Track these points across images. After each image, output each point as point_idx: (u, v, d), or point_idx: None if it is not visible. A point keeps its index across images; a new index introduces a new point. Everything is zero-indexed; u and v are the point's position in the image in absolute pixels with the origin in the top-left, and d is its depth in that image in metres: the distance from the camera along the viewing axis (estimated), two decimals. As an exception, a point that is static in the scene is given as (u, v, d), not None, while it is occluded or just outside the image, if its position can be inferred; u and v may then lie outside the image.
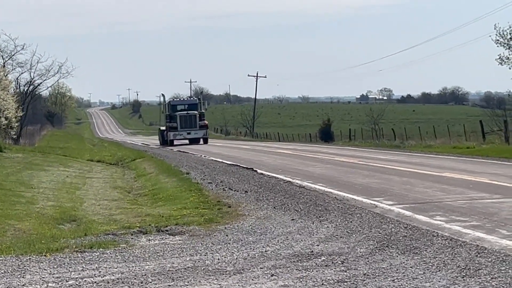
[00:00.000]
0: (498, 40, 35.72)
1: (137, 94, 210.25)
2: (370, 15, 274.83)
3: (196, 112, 45.41)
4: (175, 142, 44.70)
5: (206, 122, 46.47)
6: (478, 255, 7.92)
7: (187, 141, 45.41)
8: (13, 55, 44.38)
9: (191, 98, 49.98)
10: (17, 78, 46.23)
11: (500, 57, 36.13)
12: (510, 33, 35.09)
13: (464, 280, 6.87)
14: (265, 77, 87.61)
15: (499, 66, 35.65)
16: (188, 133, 44.49)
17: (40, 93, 59.05)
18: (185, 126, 44.30)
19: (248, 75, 41.61)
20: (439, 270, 7.40)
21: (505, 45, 35.80)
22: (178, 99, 50.78)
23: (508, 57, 35.54)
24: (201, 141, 45.56)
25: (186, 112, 45.21)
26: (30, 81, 48.88)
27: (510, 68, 35.98)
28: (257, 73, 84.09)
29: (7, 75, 36.58)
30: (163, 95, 50.03)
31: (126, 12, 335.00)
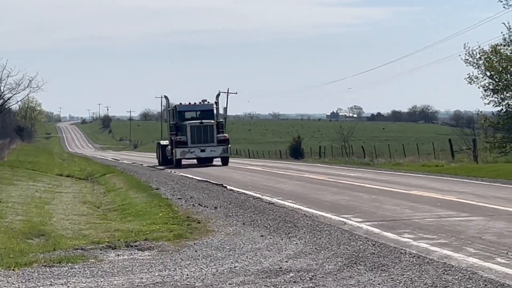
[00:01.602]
0: (467, 59, 36.46)
1: (107, 109, 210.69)
2: (341, 33, 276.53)
3: (213, 121, 34.08)
4: (183, 162, 34.21)
5: (226, 135, 35.18)
6: (445, 273, 8.04)
7: (193, 161, 35.32)
8: None
9: (206, 102, 36.00)
10: None
11: (469, 77, 36.88)
12: (479, 53, 35.86)
13: None
14: (236, 93, 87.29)
15: (468, 85, 36.10)
16: (202, 150, 33.28)
17: (10, 107, 59.58)
18: (198, 140, 33.16)
19: (219, 92, 34.21)
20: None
21: (474, 64, 36.50)
22: (187, 104, 35.76)
23: (477, 77, 36.18)
24: (219, 161, 35.08)
25: (199, 121, 33.71)
26: (0, 95, 48.96)
27: (479, 88, 36.40)
28: (227, 89, 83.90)
29: None
30: (166, 97, 39.01)
31: (97, 27, 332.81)
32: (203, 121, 33.58)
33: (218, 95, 36.39)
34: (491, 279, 7.69)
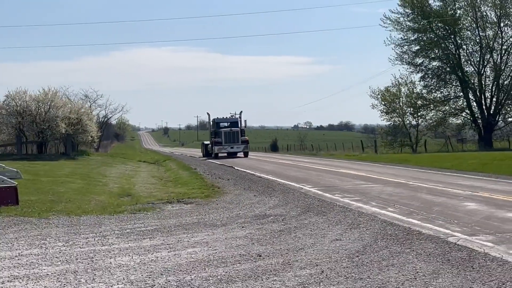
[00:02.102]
0: (371, 95, 59.57)
1: (166, 123, 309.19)
2: (299, 79, 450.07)
3: (238, 128, 46.11)
4: (219, 155, 45.80)
5: (246, 138, 46.81)
6: (359, 216, 11.83)
7: (225, 154, 46.11)
8: (95, 100, 70.07)
9: (233, 117, 49.26)
10: (97, 113, 72.12)
11: (372, 105, 60.28)
12: (378, 91, 58.85)
13: (351, 230, 10.31)
14: (242, 112, 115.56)
15: (372, 109, 63.05)
16: (231, 148, 45.32)
17: (111, 122, 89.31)
18: (229, 141, 45.14)
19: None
20: (337, 224, 11.00)
21: (375, 97, 59.38)
22: (221, 118, 48.79)
23: (377, 104, 59.38)
24: (242, 155, 46.18)
25: (229, 129, 45.78)
26: (105, 115, 75.73)
27: (377, 111, 60.03)
28: (235, 113, 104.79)
29: (92, 111, 59.14)
30: (208, 114, 50.32)
31: (160, 77, 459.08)
32: (232, 129, 45.77)
33: (241, 112, 48.82)
34: (385, 220, 11.29)
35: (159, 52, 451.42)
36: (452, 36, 53.60)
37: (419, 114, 57.56)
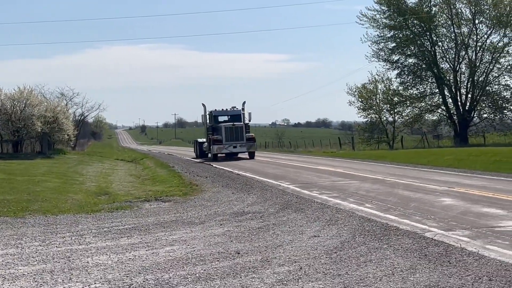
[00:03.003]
0: (348, 92, 59.26)
1: (144, 121, 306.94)
2: (277, 77, 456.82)
3: (242, 123, 37.64)
4: (219, 156, 37.63)
5: (252, 134, 38.49)
6: (337, 212, 11.94)
7: (223, 155, 38.03)
8: (71, 98, 69.23)
9: (235, 108, 39.59)
10: (74, 112, 71.40)
11: (349, 102, 59.70)
12: (355, 89, 58.69)
13: (329, 227, 10.45)
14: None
15: (349, 106, 60.76)
16: (234, 147, 36.86)
17: (87, 120, 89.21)
18: (231, 139, 36.75)
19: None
20: (315, 221, 11.08)
21: (352, 94, 59.00)
22: (221, 110, 39.66)
23: (354, 101, 59.13)
24: (246, 156, 38.43)
25: (231, 123, 37.27)
26: (82, 114, 74.83)
27: (354, 108, 59.97)
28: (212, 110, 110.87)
29: (68, 110, 58.12)
30: (203, 105, 39.74)
31: (140, 76, 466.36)
32: (235, 123, 37.13)
33: (244, 103, 39.24)
34: (363, 216, 11.43)
35: (135, 49, 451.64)
36: (428, 33, 54.08)
37: (395, 110, 57.98)
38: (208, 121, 39.40)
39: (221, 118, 39.13)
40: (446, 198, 13.93)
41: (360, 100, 59.53)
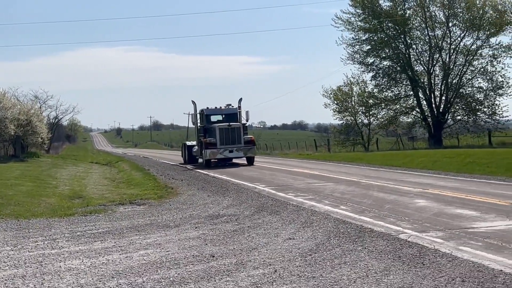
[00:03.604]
0: (324, 94, 59.89)
1: (119, 124, 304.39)
2: (254, 78, 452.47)
3: (239, 124, 32.48)
4: (212, 161, 32.26)
5: (252, 137, 33.69)
6: (312, 215, 11.92)
7: (215, 160, 32.61)
8: (45, 101, 67.95)
9: (230, 106, 34.46)
10: (48, 115, 69.95)
11: (324, 104, 60.28)
12: (330, 91, 59.34)
13: (304, 229, 10.46)
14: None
15: (324, 108, 62.79)
16: (230, 151, 31.51)
17: (62, 123, 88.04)
18: (227, 142, 31.51)
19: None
20: (290, 223, 11.08)
21: (327, 96, 59.58)
22: (213, 108, 34.44)
23: (329, 104, 59.61)
24: (244, 161, 32.96)
25: (227, 124, 31.94)
26: (56, 116, 73.66)
27: (330, 110, 60.21)
28: (188, 112, 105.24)
29: (42, 113, 57.10)
30: (193, 102, 34.19)
31: (113, 78, 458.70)
32: (231, 124, 31.89)
33: (240, 100, 34.15)
34: (338, 218, 11.45)
35: (111, 52, 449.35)
36: (402, 36, 54.52)
37: (370, 113, 58.32)
38: (199, 121, 34.22)
39: (214, 118, 34.04)
40: (420, 200, 14.01)
41: (335, 102, 59.82)
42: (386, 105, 56.52)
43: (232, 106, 34.44)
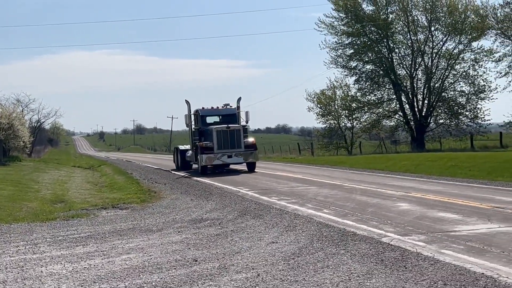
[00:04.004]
0: (307, 98, 59.49)
1: (102, 127, 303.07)
2: (236, 82, 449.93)
3: (239, 125, 29.23)
4: (208, 167, 28.60)
5: (253, 140, 30.00)
6: (295, 218, 11.99)
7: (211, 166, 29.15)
8: (27, 105, 67.54)
9: (228, 106, 31.24)
10: (30, 118, 70.25)
11: (308, 107, 59.92)
12: (314, 95, 58.93)
13: (287, 233, 10.55)
14: (177, 118, 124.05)
15: (308, 112, 61.04)
16: (229, 156, 28.20)
17: (44, 127, 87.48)
18: (225, 146, 28.29)
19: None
20: (274, 227, 11.12)
21: (311, 100, 59.31)
22: (209, 108, 31.18)
23: (313, 107, 59.27)
24: (244, 167, 29.59)
25: (225, 126, 28.64)
26: (38, 120, 73.35)
27: (313, 114, 59.97)
28: (172, 116, 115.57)
29: (24, 116, 56.76)
30: (187, 102, 30.69)
31: (94, 80, 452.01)
32: (230, 126, 28.65)
33: (239, 99, 31.44)
34: (321, 221, 11.48)
35: (93, 55, 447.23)
36: (385, 40, 54.84)
37: (354, 116, 58.53)
38: (193, 123, 30.67)
39: (210, 119, 30.79)
40: (403, 203, 14.07)
41: (319, 106, 59.95)
42: (369, 108, 56.76)
43: (230, 106, 31.37)
